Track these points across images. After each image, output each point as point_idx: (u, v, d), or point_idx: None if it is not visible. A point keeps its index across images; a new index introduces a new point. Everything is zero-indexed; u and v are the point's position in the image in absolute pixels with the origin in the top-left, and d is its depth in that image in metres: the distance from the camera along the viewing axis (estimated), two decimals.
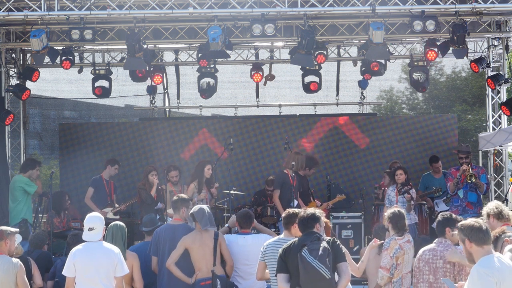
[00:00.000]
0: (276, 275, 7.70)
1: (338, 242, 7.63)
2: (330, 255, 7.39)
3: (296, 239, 7.68)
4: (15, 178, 15.13)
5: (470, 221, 6.41)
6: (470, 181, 14.26)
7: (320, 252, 7.35)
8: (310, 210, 7.81)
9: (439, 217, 8.67)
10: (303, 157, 14.48)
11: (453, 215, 8.73)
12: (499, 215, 8.51)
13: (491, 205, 8.64)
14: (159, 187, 14.57)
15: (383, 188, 15.16)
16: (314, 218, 7.68)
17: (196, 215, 10.12)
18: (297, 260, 7.40)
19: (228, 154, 16.20)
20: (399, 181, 14.31)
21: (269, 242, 8.68)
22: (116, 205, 15.14)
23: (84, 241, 8.96)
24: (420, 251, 8.58)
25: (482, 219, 8.77)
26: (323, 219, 8.37)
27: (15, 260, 9.17)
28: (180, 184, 14.71)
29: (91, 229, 8.85)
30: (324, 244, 7.42)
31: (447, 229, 8.53)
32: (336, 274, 7.55)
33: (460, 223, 6.53)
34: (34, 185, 14.76)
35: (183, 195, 11.09)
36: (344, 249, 7.68)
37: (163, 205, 14.30)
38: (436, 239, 8.55)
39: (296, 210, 8.87)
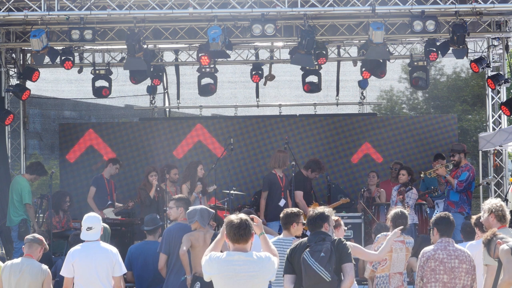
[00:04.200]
0: (283, 276, 7.66)
1: (344, 242, 7.52)
2: (333, 256, 7.32)
3: (304, 239, 7.63)
4: (17, 179, 15.09)
5: (233, 217, 6.62)
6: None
7: (322, 254, 7.29)
8: (319, 209, 7.74)
9: (446, 216, 8.51)
10: (285, 155, 14.41)
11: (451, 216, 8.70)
12: (501, 218, 8.49)
13: (495, 203, 8.58)
14: (158, 188, 14.57)
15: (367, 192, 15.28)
16: (322, 218, 7.61)
17: (188, 215, 10.15)
18: (301, 261, 7.39)
19: (227, 152, 16.19)
20: (401, 181, 14.36)
21: None
22: (117, 204, 15.17)
23: (83, 241, 8.97)
24: (430, 251, 8.40)
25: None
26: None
27: (44, 266, 9.16)
28: (174, 184, 14.74)
29: (89, 228, 8.87)
30: (327, 245, 7.36)
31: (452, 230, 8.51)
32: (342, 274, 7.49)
33: (226, 218, 6.72)
34: (29, 198, 14.74)
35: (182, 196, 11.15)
36: (350, 249, 7.59)
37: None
38: (442, 239, 8.40)
39: (295, 209, 8.84)
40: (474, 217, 9.44)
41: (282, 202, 13.83)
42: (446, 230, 8.46)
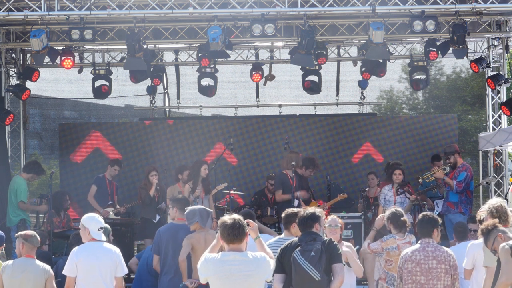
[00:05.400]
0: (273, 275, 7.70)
1: (335, 242, 7.60)
2: (323, 256, 7.36)
3: (295, 238, 7.69)
4: (14, 179, 15.12)
5: (226, 218, 6.72)
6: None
7: (312, 253, 7.33)
8: (310, 209, 7.79)
9: (423, 217, 8.56)
10: (298, 156, 14.49)
11: (434, 215, 8.67)
12: (495, 218, 8.45)
13: (493, 203, 8.55)
14: (158, 187, 14.57)
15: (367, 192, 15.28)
16: (313, 218, 7.67)
17: (187, 216, 10.14)
18: (291, 260, 7.41)
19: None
20: (397, 180, 14.29)
21: (269, 242, 8.67)
22: (118, 206, 15.17)
23: (83, 241, 8.98)
24: (408, 252, 8.44)
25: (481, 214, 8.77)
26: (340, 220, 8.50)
27: (47, 266, 9.18)
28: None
29: (101, 228, 8.90)
30: (318, 245, 7.40)
31: (435, 229, 8.50)
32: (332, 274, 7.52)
33: (219, 220, 6.78)
34: (25, 196, 14.73)
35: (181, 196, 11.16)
36: (340, 249, 7.62)
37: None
38: (422, 240, 8.45)
39: (296, 209, 8.88)
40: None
41: (295, 203, 13.83)
42: (422, 231, 8.50)
